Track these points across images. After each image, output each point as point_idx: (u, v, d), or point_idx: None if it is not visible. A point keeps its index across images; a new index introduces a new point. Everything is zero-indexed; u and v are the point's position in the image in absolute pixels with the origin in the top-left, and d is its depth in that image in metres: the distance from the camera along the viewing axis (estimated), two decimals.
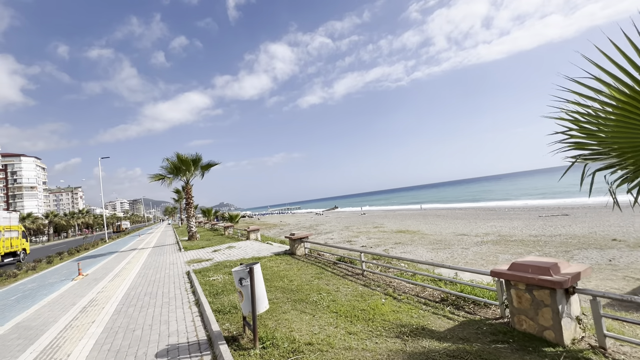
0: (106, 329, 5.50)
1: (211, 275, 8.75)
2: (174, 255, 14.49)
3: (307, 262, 9.60)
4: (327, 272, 8.06)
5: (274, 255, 11.10)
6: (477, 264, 12.78)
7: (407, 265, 9.45)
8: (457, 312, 4.88)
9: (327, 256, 10.34)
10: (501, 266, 4.31)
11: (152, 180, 20.73)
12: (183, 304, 6.42)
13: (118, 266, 13.32)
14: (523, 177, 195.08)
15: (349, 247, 9.24)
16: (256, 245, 14.78)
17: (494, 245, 14.78)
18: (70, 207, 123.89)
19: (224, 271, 9.14)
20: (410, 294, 6.03)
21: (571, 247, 12.83)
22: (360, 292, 6.20)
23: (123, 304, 7.05)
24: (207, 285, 7.60)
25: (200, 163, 21.28)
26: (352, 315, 5.01)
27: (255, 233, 17.43)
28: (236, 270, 4.19)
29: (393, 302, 5.55)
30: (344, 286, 6.72)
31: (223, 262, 10.82)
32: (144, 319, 5.79)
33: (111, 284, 9.52)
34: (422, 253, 15.24)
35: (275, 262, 9.94)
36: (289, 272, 8.32)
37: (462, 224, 24.71)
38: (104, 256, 18.51)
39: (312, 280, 7.36)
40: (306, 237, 11.32)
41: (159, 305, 6.57)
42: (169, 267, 11.32)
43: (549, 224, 19.77)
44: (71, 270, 13.47)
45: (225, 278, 8.22)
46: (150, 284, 8.87)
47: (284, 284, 7.19)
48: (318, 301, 5.79)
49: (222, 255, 12.72)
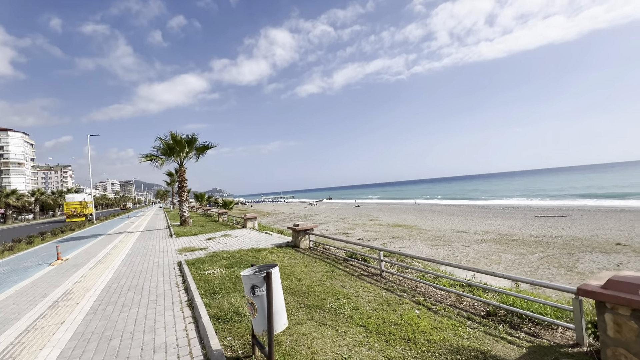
0: (76, 334, 4.43)
1: (206, 268, 7.70)
2: (165, 242, 13.39)
3: (313, 257, 8.61)
4: (339, 271, 7.08)
5: (276, 248, 10.08)
6: (480, 263, 12.23)
7: (422, 264, 8.53)
8: (515, 333, 3.93)
9: (332, 250, 9.38)
10: (591, 282, 3.34)
11: (142, 160, 19.38)
12: (173, 304, 5.37)
13: (102, 251, 12.19)
14: (517, 176, 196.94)
15: (364, 244, 8.25)
16: (254, 234, 13.75)
17: (495, 244, 14.39)
18: (59, 186, 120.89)
19: (221, 264, 8.10)
20: (445, 303, 5.08)
21: (575, 250, 12.46)
22: (386, 299, 5.23)
23: (102, 299, 5.98)
24: (201, 280, 6.55)
25: (195, 144, 19.97)
26: (385, 331, 4.03)
27: (252, 221, 16.37)
28: (247, 274, 3.13)
29: (429, 314, 4.59)
30: (363, 290, 5.74)
31: (219, 252, 9.77)
32: (124, 322, 4.73)
33: (92, 273, 8.42)
34: (422, 249, 14.82)
35: (277, 255, 8.93)
36: (296, 269, 7.32)
37: (459, 220, 24.46)
38: (89, 239, 17.32)
39: (324, 281, 6.37)
40: (311, 229, 10.32)
41: (145, 303, 5.52)
42: (158, 255, 10.24)
43: (547, 225, 19.52)
44: (51, 253, 12.30)
45: (223, 273, 7.17)
46: (136, 275, 7.80)
47: (292, 284, 6.20)
48: (338, 309, 4.80)
49: (218, 244, 11.66)
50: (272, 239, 12.02)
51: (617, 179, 77.39)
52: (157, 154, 19.63)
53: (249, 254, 9.23)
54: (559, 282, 8.60)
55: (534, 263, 11.14)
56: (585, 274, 9.66)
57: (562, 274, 10.12)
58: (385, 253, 7.66)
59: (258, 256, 8.85)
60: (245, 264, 7.96)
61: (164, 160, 19.75)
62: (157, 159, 19.62)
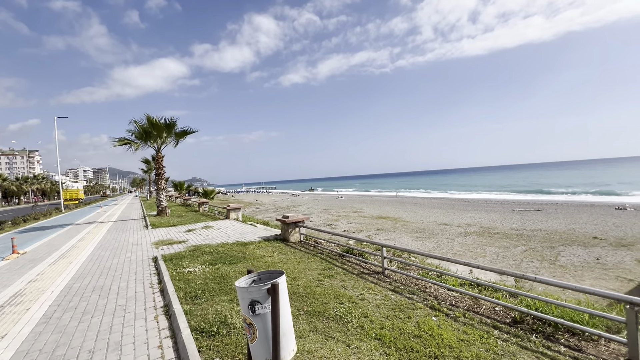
0: (18, 355, 3.51)
1: (186, 264, 6.81)
2: (139, 234, 12.26)
3: (305, 252, 7.89)
4: (337, 268, 6.40)
5: (263, 241, 9.28)
6: (466, 256, 12.26)
7: (418, 259, 8.01)
8: (554, 347, 3.38)
9: (325, 245, 8.70)
10: None
11: (115, 144, 17.80)
12: (146, 311, 4.50)
13: (67, 243, 10.95)
14: (492, 171, 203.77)
15: (365, 239, 7.59)
16: (238, 226, 12.85)
17: (479, 237, 14.53)
18: (25, 171, 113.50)
19: (203, 259, 7.22)
20: (462, 307, 4.50)
21: (555, 243, 12.73)
22: (396, 303, 4.59)
23: (59, 304, 5.01)
24: (181, 280, 5.68)
25: (174, 129, 18.56)
26: (406, 346, 3.37)
27: (236, 212, 15.41)
28: (244, 286, 2.35)
29: (448, 321, 3.99)
30: (368, 291, 5.09)
31: (200, 246, 8.85)
32: (82, 336, 3.83)
33: (51, 270, 7.34)
34: (407, 241, 14.66)
35: (266, 250, 8.14)
36: (288, 266, 6.58)
37: (441, 213, 24.76)
38: (54, 229, 15.82)
39: (321, 280, 5.67)
40: (302, 221, 9.58)
41: (111, 310, 4.61)
42: (130, 249, 9.20)
43: (525, 219, 19.98)
44: (7, 246, 10.93)
45: (206, 271, 6.32)
46: (104, 272, 6.80)
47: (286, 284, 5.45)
48: (344, 316, 4.11)
49: (199, 236, 10.70)
50: (258, 231, 11.19)
51: (585, 176, 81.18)
52: (132, 138, 18.10)
53: (235, 248, 8.38)
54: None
55: (517, 256, 11.25)
56: (568, 268, 9.77)
57: (545, 267, 10.15)
58: (389, 249, 7.04)
59: (245, 250, 8.03)
60: (231, 259, 7.14)
61: (139, 145, 18.26)
62: (131, 144, 18.12)
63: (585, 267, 9.61)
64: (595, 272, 8.99)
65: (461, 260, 5.08)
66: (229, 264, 6.79)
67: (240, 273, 6.10)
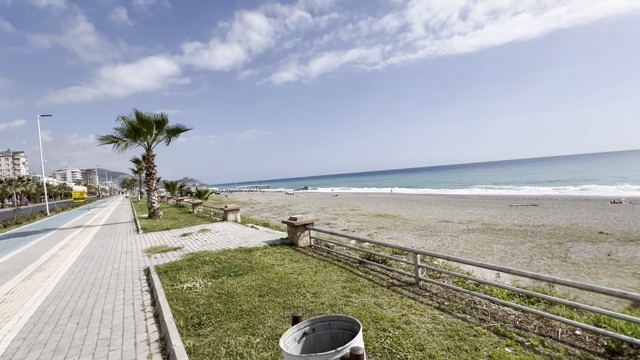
0: None
1: (184, 278, 5.81)
2: (129, 239, 11.15)
3: (319, 258, 6.97)
4: (361, 279, 5.49)
5: (269, 246, 8.31)
6: (474, 254, 11.69)
7: (444, 265, 7.16)
8: None
9: (337, 249, 7.79)
10: None
11: (102, 142, 16.54)
12: (137, 348, 3.50)
13: (48, 252, 9.80)
14: (482, 167, 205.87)
15: (393, 244, 6.70)
16: (237, 228, 11.84)
17: (482, 234, 14.05)
18: (10, 173, 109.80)
19: (204, 271, 6.22)
20: (531, 330, 3.63)
21: (562, 239, 12.29)
22: (449, 326, 3.70)
23: (24, 337, 3.98)
24: (179, 301, 4.69)
25: (165, 126, 17.38)
26: None
27: (234, 213, 14.38)
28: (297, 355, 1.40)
29: (527, 353, 3.12)
30: (409, 310, 4.19)
31: (199, 253, 7.84)
32: None
33: (24, 286, 6.26)
34: (410, 239, 13.97)
35: (274, 257, 7.18)
36: (304, 277, 5.63)
37: (439, 210, 24.34)
38: (36, 234, 14.58)
39: (348, 295, 4.75)
40: (311, 223, 8.66)
41: (90, 348, 3.58)
42: (119, 259, 8.13)
43: (525, 214, 19.66)
44: None
45: (209, 286, 5.33)
46: (86, 289, 5.75)
47: (306, 302, 4.52)
48: (394, 350, 3.20)
49: (196, 242, 9.67)
50: (261, 235, 10.22)
51: (574, 170, 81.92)
52: (120, 136, 16.86)
53: (238, 255, 7.40)
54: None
55: (526, 254, 10.76)
56: (581, 265, 9.26)
57: (557, 265, 9.61)
58: (422, 256, 6.16)
59: (250, 258, 7.06)
60: (236, 270, 6.16)
61: (127, 143, 17.03)
62: (119, 142, 16.88)
63: (598, 264, 9.22)
64: (609, 270, 8.54)
65: (514, 270, 4.23)
66: (235, 276, 5.82)
67: (250, 288, 5.14)
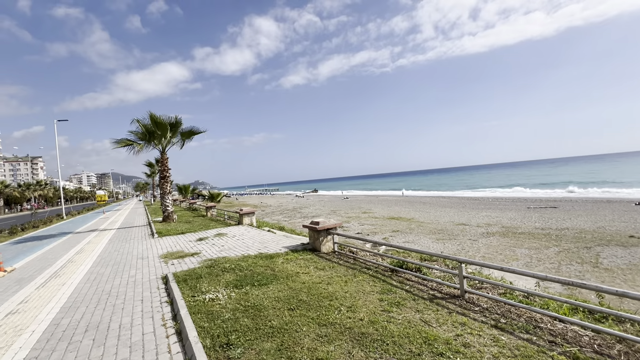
0: None
1: (205, 287, 5.40)
2: (145, 244, 10.88)
3: (346, 266, 6.47)
4: (397, 290, 4.97)
5: (290, 252, 7.87)
6: (497, 259, 11.13)
7: (475, 272, 6.59)
8: None
9: (362, 255, 7.29)
10: None
11: (117, 146, 16.47)
12: None
13: (64, 257, 9.59)
14: (495, 169, 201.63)
15: (429, 251, 6.17)
16: (254, 233, 11.45)
17: (503, 238, 13.61)
18: (29, 177, 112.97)
19: (226, 280, 5.81)
20: (615, 356, 3.07)
21: (590, 243, 11.75)
22: (517, 350, 3.17)
23: (36, 356, 3.62)
24: (202, 315, 4.27)
25: (180, 128, 17.21)
26: None
27: (250, 217, 14.01)
28: None
29: None
30: (464, 329, 3.66)
31: (218, 260, 7.44)
32: None
33: (38, 295, 5.96)
34: (427, 243, 13.54)
35: (297, 264, 6.72)
36: (334, 288, 5.15)
37: (454, 212, 23.85)
38: (52, 238, 14.52)
39: (389, 310, 4.24)
40: (334, 228, 8.19)
41: None
42: (135, 265, 7.81)
43: (546, 217, 19.02)
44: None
45: (232, 297, 4.90)
46: (102, 299, 5.41)
47: (342, 317, 4.04)
48: None
49: (213, 247, 9.30)
50: (280, 240, 9.79)
51: (591, 171, 79.16)
52: (135, 139, 16.77)
53: (259, 262, 6.97)
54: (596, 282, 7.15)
55: (553, 259, 10.26)
56: (615, 271, 8.69)
57: (589, 271, 8.99)
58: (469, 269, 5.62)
59: (272, 266, 6.62)
60: (260, 279, 5.72)
61: (142, 146, 16.92)
62: (134, 145, 16.78)
63: (633, 270, 8.74)
64: None
65: (578, 282, 3.65)
66: (259, 286, 5.38)
67: (277, 300, 4.69)
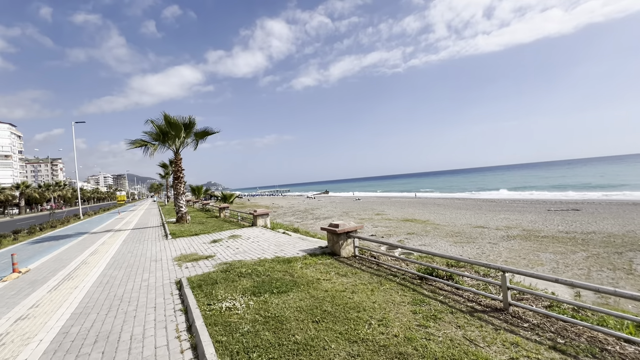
0: None
1: (221, 294, 5.05)
2: (158, 245, 10.69)
3: (369, 272, 6.02)
4: (431, 301, 4.50)
5: (309, 256, 7.46)
6: (520, 264, 10.53)
7: (517, 282, 6.01)
8: None
9: (384, 259, 6.83)
10: None
11: (131, 146, 16.48)
12: None
13: (77, 258, 9.46)
14: (511, 170, 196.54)
15: (470, 260, 5.68)
16: (269, 235, 11.11)
17: (525, 241, 12.98)
18: (49, 179, 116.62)
19: (243, 286, 5.44)
20: None
21: (620, 248, 11.07)
22: None
23: None
24: (219, 326, 3.90)
25: (194, 128, 17.12)
26: None
27: (264, 218, 13.70)
28: None
29: None
30: (517, 350, 3.18)
31: (233, 263, 7.11)
32: None
33: (50, 299, 5.74)
34: (445, 246, 12.96)
35: (317, 269, 6.31)
36: (360, 297, 4.71)
37: (471, 214, 23.17)
38: (68, 238, 14.58)
39: (424, 324, 3.78)
40: (354, 231, 7.76)
41: None
42: (148, 268, 7.56)
43: (569, 219, 18.20)
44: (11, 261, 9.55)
45: (251, 306, 4.52)
46: (113, 305, 5.12)
47: (374, 333, 3.60)
48: None
49: (227, 249, 9.00)
50: (296, 242, 9.41)
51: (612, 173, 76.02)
52: (149, 139, 16.75)
53: (277, 267, 6.60)
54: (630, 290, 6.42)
55: (582, 264, 9.67)
56: None
57: (623, 278, 8.34)
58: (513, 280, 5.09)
59: (291, 271, 6.23)
60: (279, 285, 5.33)
61: (156, 146, 16.88)
62: (148, 145, 16.76)
63: None
64: None
65: None
66: (278, 294, 4.99)
67: (299, 310, 4.29)
